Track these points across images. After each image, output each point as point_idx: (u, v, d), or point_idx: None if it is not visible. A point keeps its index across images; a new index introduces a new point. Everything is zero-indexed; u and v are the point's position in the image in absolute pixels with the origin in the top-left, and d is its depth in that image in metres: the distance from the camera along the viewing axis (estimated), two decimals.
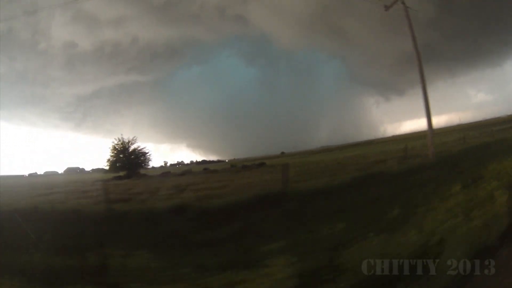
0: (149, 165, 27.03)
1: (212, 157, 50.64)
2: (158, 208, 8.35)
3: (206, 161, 48.15)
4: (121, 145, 25.63)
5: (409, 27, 13.57)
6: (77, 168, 40.66)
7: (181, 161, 47.43)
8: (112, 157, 26.10)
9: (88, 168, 41.39)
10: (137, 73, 49.12)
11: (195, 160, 49.81)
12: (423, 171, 11.03)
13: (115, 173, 25.55)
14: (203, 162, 47.78)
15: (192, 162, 48.94)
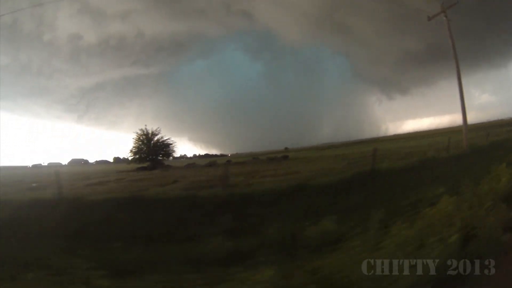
0: (173, 156, 27.04)
1: (214, 152, 50.69)
2: (282, 187, 9.11)
3: (209, 155, 48.18)
4: (145, 136, 25.52)
5: (450, 37, 15.89)
6: (81, 159, 39.40)
7: (184, 155, 47.05)
8: (135, 148, 25.85)
9: (91, 160, 40.32)
10: (141, 66, 48.59)
11: (198, 154, 49.67)
12: (469, 156, 13.16)
13: (138, 164, 25.29)
14: (206, 156, 47.82)
15: (195, 155, 48.76)
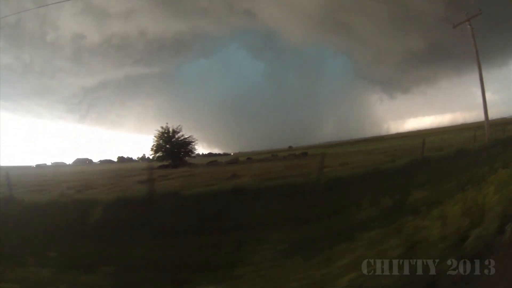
0: (195, 154, 27.33)
1: (216, 151, 50.85)
2: (361, 172, 10.00)
3: (212, 154, 48.35)
4: (166, 134, 25.69)
5: (474, 45, 16.79)
6: (86, 159, 39.46)
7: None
8: (156, 146, 25.96)
9: (95, 159, 40.26)
10: (143, 65, 48.27)
11: (201, 153, 49.79)
12: (493, 147, 14.20)
13: (160, 162, 25.45)
14: (210, 155, 48.06)
15: (198, 154, 48.90)
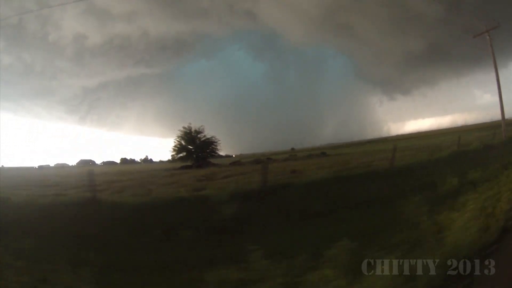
0: (218, 154, 27.83)
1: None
2: (411, 163, 11.69)
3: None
4: (189, 134, 26.20)
5: (492, 54, 17.87)
6: (89, 160, 39.71)
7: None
8: (178, 147, 26.47)
9: (97, 161, 40.33)
10: (144, 66, 48.21)
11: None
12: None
13: (183, 163, 25.95)
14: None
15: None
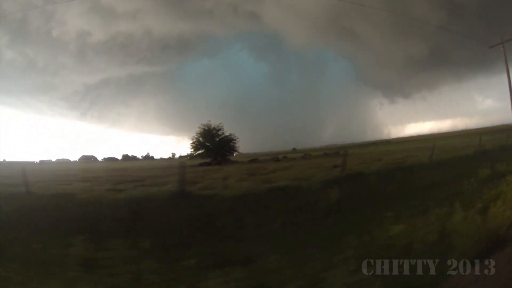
0: (237, 151, 28.18)
1: None
2: (448, 158, 12.97)
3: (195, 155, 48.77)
4: (208, 131, 26.25)
5: (505, 64, 19.60)
6: (91, 156, 38.50)
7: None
8: (196, 143, 26.43)
9: (99, 157, 39.42)
10: (147, 64, 47.02)
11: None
12: None
13: (202, 160, 25.98)
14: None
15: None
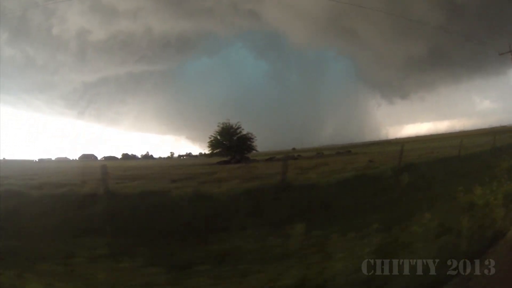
0: (255, 150, 27.60)
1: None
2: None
3: (214, 153, 47.76)
4: (227, 130, 25.43)
5: None
6: (91, 155, 35.98)
7: (189, 153, 45.85)
8: (214, 141, 25.51)
9: (99, 156, 37.19)
10: (146, 62, 44.79)
11: (202, 152, 48.46)
12: None
13: (220, 158, 25.14)
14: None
15: (201, 154, 47.55)
